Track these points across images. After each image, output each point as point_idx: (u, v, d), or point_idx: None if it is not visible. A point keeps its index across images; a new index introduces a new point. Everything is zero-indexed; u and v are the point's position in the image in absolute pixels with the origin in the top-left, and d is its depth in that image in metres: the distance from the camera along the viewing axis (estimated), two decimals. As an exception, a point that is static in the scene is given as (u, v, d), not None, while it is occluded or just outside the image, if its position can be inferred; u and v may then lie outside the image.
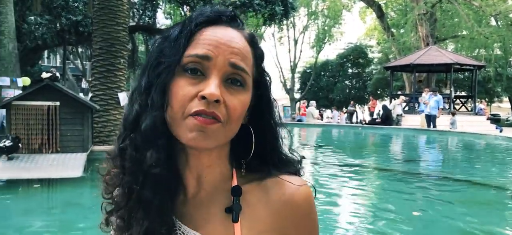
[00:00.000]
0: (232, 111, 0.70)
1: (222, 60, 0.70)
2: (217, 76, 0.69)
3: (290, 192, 0.74)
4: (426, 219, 5.19)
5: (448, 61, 20.85)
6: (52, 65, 37.56)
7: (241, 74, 0.71)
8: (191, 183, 0.76)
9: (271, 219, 0.73)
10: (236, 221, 0.72)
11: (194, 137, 0.68)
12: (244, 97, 0.72)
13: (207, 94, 0.67)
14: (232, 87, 0.71)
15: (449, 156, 11.77)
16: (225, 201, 0.74)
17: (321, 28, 38.85)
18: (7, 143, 7.85)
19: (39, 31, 17.11)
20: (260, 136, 0.77)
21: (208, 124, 0.68)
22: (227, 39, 0.71)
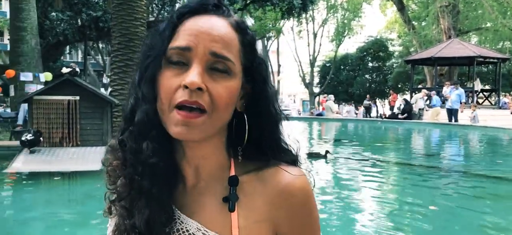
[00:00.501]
0: (217, 99, 0.70)
1: (202, 49, 0.70)
2: (199, 65, 0.69)
3: (286, 182, 0.75)
4: (444, 213, 5.11)
5: (471, 54, 20.40)
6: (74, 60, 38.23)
7: (224, 62, 0.71)
8: (189, 174, 0.78)
9: (267, 209, 0.74)
10: (232, 211, 0.73)
11: (179, 131, 0.69)
12: (230, 84, 0.72)
13: (188, 83, 0.68)
14: (217, 75, 0.71)
15: (470, 150, 11.54)
16: (222, 191, 0.75)
17: (341, 22, 38.39)
18: (28, 137, 8.04)
19: (60, 27, 17.44)
20: (257, 123, 0.77)
21: (191, 118, 0.69)
22: (208, 28, 0.71)
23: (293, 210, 0.74)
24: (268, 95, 0.78)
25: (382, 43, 36.74)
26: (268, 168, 0.77)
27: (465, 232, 4.38)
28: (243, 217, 0.73)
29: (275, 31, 34.35)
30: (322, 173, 7.79)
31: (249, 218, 0.73)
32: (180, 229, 0.74)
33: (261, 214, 0.74)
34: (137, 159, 0.73)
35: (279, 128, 0.80)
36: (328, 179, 7.31)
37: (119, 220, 0.76)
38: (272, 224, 0.74)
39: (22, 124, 11.59)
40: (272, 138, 0.79)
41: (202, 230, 0.73)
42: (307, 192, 0.76)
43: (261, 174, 0.76)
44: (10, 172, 7.07)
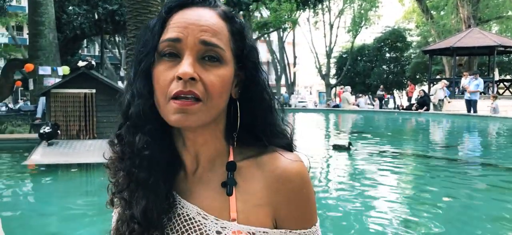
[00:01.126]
0: (210, 88, 0.72)
1: (192, 39, 0.72)
2: (190, 56, 0.72)
3: (283, 167, 0.77)
4: (458, 205, 5.04)
5: (491, 44, 19.95)
6: (91, 54, 38.75)
7: (215, 49, 0.73)
8: (189, 161, 0.80)
9: (265, 193, 0.77)
10: (230, 195, 0.76)
11: (177, 118, 0.71)
12: (222, 72, 0.74)
13: (181, 73, 0.70)
14: (208, 64, 0.73)
15: (489, 142, 11.32)
16: (221, 176, 0.78)
17: (358, 12, 37.94)
18: (46, 130, 8.19)
19: (77, 21, 17.64)
20: (250, 109, 0.80)
21: (188, 106, 0.71)
22: (196, 19, 0.74)
23: (290, 195, 0.77)
24: (260, 81, 0.80)
25: (399, 33, 36.21)
26: (266, 154, 0.79)
27: (482, 223, 4.31)
28: (241, 201, 0.76)
29: (291, 22, 34.13)
30: (340, 164, 7.76)
31: (247, 202, 0.76)
32: (181, 213, 0.77)
33: (260, 198, 0.76)
34: (133, 151, 0.76)
35: (272, 113, 0.82)
36: (345, 170, 7.28)
37: (121, 211, 0.80)
38: (271, 208, 0.76)
39: (41, 117, 11.82)
40: (265, 123, 0.81)
41: (202, 213, 0.76)
42: (303, 177, 0.78)
43: (259, 159, 0.79)
44: (29, 164, 7.21)
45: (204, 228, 0.75)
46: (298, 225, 0.77)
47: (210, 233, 0.75)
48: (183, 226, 0.76)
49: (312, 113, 22.86)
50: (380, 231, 4.09)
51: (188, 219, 0.77)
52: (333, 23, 39.13)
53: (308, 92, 64.22)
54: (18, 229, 4.08)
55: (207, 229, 0.75)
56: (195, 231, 0.76)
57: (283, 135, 0.83)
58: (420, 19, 35.05)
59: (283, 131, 0.84)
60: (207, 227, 0.75)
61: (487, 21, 29.65)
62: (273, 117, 0.82)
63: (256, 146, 0.80)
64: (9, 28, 32.70)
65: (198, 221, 0.76)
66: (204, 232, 0.75)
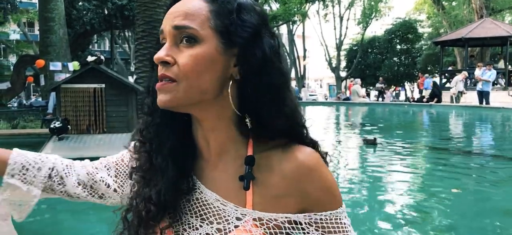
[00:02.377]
0: (182, 67, 0.74)
1: (168, 27, 0.76)
2: (167, 42, 0.77)
3: (301, 159, 0.77)
4: (469, 197, 4.99)
5: (504, 34, 19.64)
6: (102, 49, 38.99)
7: (186, 31, 0.75)
8: (204, 148, 0.83)
9: (284, 185, 0.77)
10: (247, 189, 0.77)
11: (159, 99, 0.76)
12: (196, 51, 0.74)
13: (155, 58, 0.76)
14: (182, 45, 0.75)
15: (502, 134, 11.17)
16: (238, 167, 0.79)
17: (368, 3, 37.59)
18: (57, 124, 8.26)
19: (87, 17, 17.75)
20: (252, 88, 0.76)
21: (162, 86, 0.75)
22: (174, 9, 0.77)
23: (311, 184, 0.77)
24: (253, 58, 0.75)
25: (410, 24, 35.80)
26: (282, 147, 0.79)
27: (493, 215, 4.26)
28: (258, 194, 0.77)
29: (300, 15, 33.97)
30: (357, 157, 7.73)
31: (264, 195, 0.77)
32: (199, 198, 0.80)
33: (278, 190, 0.77)
34: (151, 138, 0.83)
35: (280, 94, 0.78)
36: (363, 162, 7.25)
37: (138, 188, 0.84)
38: (292, 198, 0.77)
39: (52, 112, 11.94)
40: (271, 103, 0.77)
41: (221, 200, 0.79)
42: (320, 166, 0.79)
43: (276, 152, 0.79)
44: (40, 159, 7.28)
45: (223, 214, 0.78)
46: (323, 208, 0.77)
47: (229, 219, 0.77)
48: (202, 209, 0.80)
49: (322, 107, 22.77)
50: (391, 221, 4.07)
51: (206, 204, 0.80)
52: (343, 15, 38.81)
53: (318, 86, 64.02)
54: (29, 224, 4.12)
55: (227, 214, 0.78)
56: (214, 215, 0.79)
57: (294, 118, 0.80)
58: (431, 10, 34.63)
59: (295, 115, 0.80)
60: (226, 212, 0.78)
61: (500, 11, 29.17)
62: (281, 98, 0.78)
63: (273, 140, 0.79)
64: (20, 24, 33.07)
65: (217, 207, 0.79)
66: (223, 216, 0.78)
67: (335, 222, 0.77)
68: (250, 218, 0.76)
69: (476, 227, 4.02)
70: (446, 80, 21.89)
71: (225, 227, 0.77)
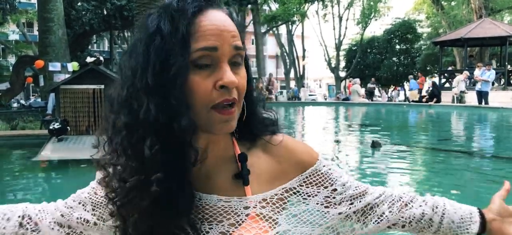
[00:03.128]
0: (242, 90, 0.77)
1: (227, 47, 0.74)
2: (226, 63, 0.74)
3: (279, 140, 0.87)
4: (469, 197, 4.98)
5: (503, 34, 19.68)
6: (101, 50, 38.97)
7: (241, 53, 0.77)
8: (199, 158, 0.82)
9: (276, 164, 0.86)
10: (247, 184, 0.81)
11: (222, 127, 0.75)
12: (245, 73, 0.78)
13: (227, 83, 0.72)
14: (236, 68, 0.76)
15: (501, 134, 11.17)
16: (230, 168, 0.83)
17: (367, 3, 37.60)
18: (56, 125, 8.26)
19: (86, 17, 17.73)
20: (247, 101, 0.82)
21: (231, 114, 0.75)
22: (225, 25, 0.75)
23: (291, 156, 0.87)
24: (251, 74, 0.84)
25: (409, 24, 35.84)
26: (260, 142, 0.87)
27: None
28: (254, 186, 0.82)
29: (300, 15, 33.98)
30: (356, 158, 7.73)
31: (259, 183, 0.83)
32: (199, 205, 0.80)
33: (271, 172, 0.85)
34: (171, 169, 0.73)
35: (259, 103, 0.88)
36: (358, 162, 7.25)
37: (120, 223, 0.79)
38: (280, 178, 0.85)
39: (51, 113, 11.92)
40: (256, 112, 0.87)
41: (223, 199, 0.80)
42: (289, 141, 0.89)
43: (257, 146, 0.87)
44: (39, 160, 7.28)
45: (230, 210, 0.80)
46: (308, 166, 0.87)
47: (238, 211, 0.80)
48: (207, 213, 0.80)
49: (322, 107, 22.77)
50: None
51: (210, 207, 0.80)
52: (342, 15, 38.82)
53: (318, 86, 64.03)
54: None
55: (234, 208, 0.80)
56: (221, 214, 0.80)
57: (270, 121, 0.89)
58: (431, 10, 34.67)
59: (269, 118, 0.90)
60: (233, 207, 0.80)
61: (499, 11, 29.19)
62: (259, 106, 0.88)
63: (250, 136, 0.87)
64: (19, 25, 33.04)
65: (221, 206, 0.80)
66: (230, 212, 0.80)
67: (317, 174, 0.87)
68: (256, 202, 0.81)
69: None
70: (446, 80, 21.91)
71: (237, 219, 0.79)
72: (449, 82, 21.58)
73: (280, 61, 42.09)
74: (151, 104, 0.71)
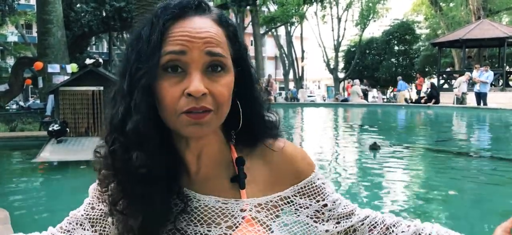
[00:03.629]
0: (220, 98, 0.73)
1: (198, 52, 0.72)
2: (197, 70, 0.72)
3: (280, 146, 0.86)
4: (467, 198, 5.01)
5: (501, 35, 19.74)
6: (100, 51, 38.94)
7: (219, 59, 0.74)
8: (192, 162, 0.82)
9: (267, 178, 0.85)
10: (243, 188, 0.82)
11: (191, 130, 0.73)
12: (227, 81, 0.75)
13: (193, 91, 0.70)
14: (214, 75, 0.74)
15: (499, 135, 11.20)
16: (227, 172, 0.83)
17: (366, 5, 37.69)
18: (55, 127, 8.27)
19: (85, 19, 17.72)
20: (246, 105, 0.83)
21: (201, 118, 0.72)
22: (197, 31, 0.73)
23: (289, 166, 0.86)
24: (252, 78, 0.83)
25: (408, 26, 35.93)
26: (260, 146, 0.86)
27: (487, 217, 4.28)
28: (249, 190, 0.83)
29: (298, 16, 34.03)
30: (353, 158, 7.75)
31: (254, 188, 0.83)
32: (198, 206, 0.81)
33: (264, 183, 0.85)
34: (128, 168, 0.75)
35: (262, 106, 0.86)
36: (357, 163, 7.27)
37: (116, 223, 0.80)
38: (274, 186, 0.85)
39: (50, 115, 11.92)
40: (259, 117, 0.85)
41: (221, 200, 0.81)
42: (292, 149, 0.88)
43: (256, 151, 0.86)
44: (38, 161, 7.29)
45: (227, 212, 0.81)
46: (303, 176, 0.87)
47: (234, 212, 0.81)
48: (205, 215, 0.81)
49: (321, 108, 22.79)
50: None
51: (208, 209, 0.81)
52: (341, 16, 38.92)
53: (317, 87, 64.05)
54: (28, 225, 4.13)
55: (231, 210, 0.81)
56: (219, 216, 0.81)
57: (272, 125, 0.88)
58: (429, 11, 34.77)
59: (272, 122, 0.88)
60: (230, 209, 0.81)
61: (497, 12, 29.31)
62: (263, 111, 0.86)
63: (250, 141, 0.85)
64: (18, 26, 33.01)
65: (219, 208, 0.81)
66: (227, 214, 0.81)
67: (311, 186, 0.87)
68: (252, 206, 0.81)
69: (473, 228, 4.04)
70: (444, 81, 21.95)
71: (234, 221, 0.80)
72: (447, 83, 21.63)
73: (279, 63, 42.13)
74: (121, 107, 0.74)
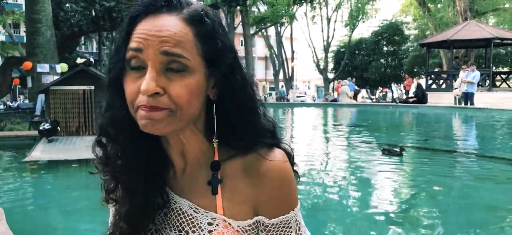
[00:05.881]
0: (177, 99, 0.71)
1: (153, 51, 0.71)
2: (153, 68, 0.71)
3: (265, 167, 0.80)
4: (450, 194, 5.12)
5: (488, 36, 20.02)
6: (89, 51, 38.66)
7: (178, 60, 0.71)
8: (177, 160, 0.84)
9: (249, 191, 0.80)
10: (215, 194, 0.80)
11: (144, 124, 0.72)
12: (188, 81, 0.72)
13: (143, 90, 0.70)
14: (173, 75, 0.72)
15: (484, 134, 11.39)
16: (208, 175, 0.82)
17: (355, 6, 37.91)
18: (46, 126, 8.23)
19: (75, 18, 17.62)
20: (231, 109, 0.80)
21: (152, 112, 0.71)
22: (156, 29, 0.71)
23: (271, 192, 0.80)
24: (235, 81, 0.79)
25: (397, 26, 36.15)
26: (250, 154, 0.81)
27: (473, 212, 4.38)
28: (227, 199, 0.80)
29: (288, 17, 34.13)
30: (339, 157, 7.82)
31: (232, 200, 0.80)
32: (174, 208, 0.82)
33: (244, 195, 0.80)
34: (113, 158, 0.81)
35: (254, 112, 0.83)
36: (341, 162, 7.35)
37: (113, 210, 0.86)
38: (253, 204, 0.81)
39: (39, 114, 11.84)
40: (246, 122, 0.81)
41: (193, 207, 0.81)
42: (285, 175, 0.82)
43: (243, 159, 0.81)
44: (29, 161, 7.25)
45: (196, 221, 0.81)
46: (277, 214, 0.81)
47: (202, 225, 0.80)
48: (177, 220, 0.82)
49: (311, 108, 22.90)
50: (377, 220, 4.16)
51: (181, 213, 0.82)
52: (330, 17, 39.09)
53: (307, 87, 64.24)
54: (20, 224, 4.14)
55: (199, 221, 0.80)
56: (188, 224, 0.81)
57: (266, 133, 0.84)
58: (417, 12, 35.11)
59: (266, 129, 0.84)
60: (198, 219, 0.80)
61: (484, 14, 29.72)
62: (254, 116, 0.82)
63: (241, 146, 0.81)
64: (6, 26, 32.61)
65: (190, 215, 0.81)
66: (196, 224, 0.80)
67: (283, 227, 0.82)
68: (220, 221, 0.79)
69: (458, 223, 4.14)
70: (432, 81, 22.21)
71: (200, 234, 0.80)
72: (435, 84, 21.89)
73: (269, 63, 42.17)
74: (104, 103, 0.81)
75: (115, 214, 0.85)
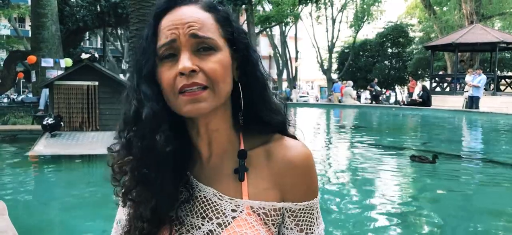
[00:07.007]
0: (212, 73, 0.78)
1: (183, 36, 0.78)
2: (186, 51, 0.78)
3: (291, 154, 0.85)
4: (453, 199, 5.09)
5: (493, 40, 19.89)
6: (94, 46, 38.78)
7: (205, 40, 0.79)
8: (204, 149, 0.87)
9: (273, 178, 0.85)
10: (242, 180, 0.84)
11: (189, 108, 0.78)
12: (219, 58, 0.80)
13: (181, 68, 0.76)
14: (204, 54, 0.79)
15: (489, 138, 11.34)
16: (233, 164, 0.86)
17: (360, 7, 37.86)
18: (50, 121, 8.24)
19: (80, 14, 17.63)
20: (249, 88, 0.86)
21: (196, 95, 0.77)
22: (182, 18, 0.79)
23: (296, 179, 0.85)
24: (253, 60, 0.86)
25: (402, 28, 36.08)
26: (273, 142, 0.87)
27: (476, 217, 4.36)
28: (252, 186, 0.84)
29: (293, 17, 34.09)
30: (339, 157, 7.80)
31: (257, 186, 0.84)
32: (198, 196, 0.85)
33: (268, 182, 0.84)
34: (148, 153, 0.80)
35: (267, 91, 0.89)
36: (341, 163, 7.33)
37: (129, 211, 0.86)
38: (279, 190, 0.85)
39: (43, 109, 11.87)
40: (263, 100, 0.87)
41: (218, 195, 0.84)
42: (309, 162, 0.86)
43: (268, 147, 0.86)
44: (32, 155, 7.26)
45: (220, 208, 0.83)
46: (302, 199, 0.85)
47: (226, 211, 0.83)
48: (202, 207, 0.84)
49: (314, 108, 22.87)
50: (380, 225, 4.14)
51: (206, 201, 0.84)
52: (335, 18, 39.07)
53: (310, 87, 64.20)
54: (22, 218, 4.14)
55: (223, 208, 0.83)
56: (212, 211, 0.83)
57: (278, 110, 0.90)
58: (423, 15, 34.96)
59: (278, 107, 0.90)
60: (223, 206, 0.83)
61: (490, 18, 29.54)
62: (268, 94, 0.89)
63: (263, 133, 0.88)
64: (11, 20, 32.74)
65: (214, 202, 0.84)
66: (220, 210, 0.83)
67: (307, 212, 0.86)
68: (244, 208, 0.83)
69: (461, 228, 4.11)
70: (437, 84, 22.13)
71: (224, 220, 0.82)
72: (439, 87, 21.81)
73: (273, 62, 42.18)
74: (134, 101, 0.82)
75: (132, 215, 0.84)
